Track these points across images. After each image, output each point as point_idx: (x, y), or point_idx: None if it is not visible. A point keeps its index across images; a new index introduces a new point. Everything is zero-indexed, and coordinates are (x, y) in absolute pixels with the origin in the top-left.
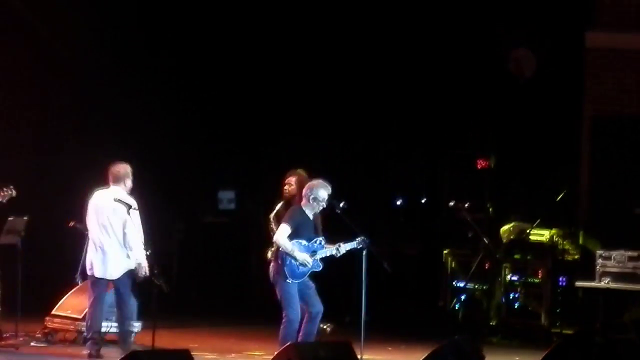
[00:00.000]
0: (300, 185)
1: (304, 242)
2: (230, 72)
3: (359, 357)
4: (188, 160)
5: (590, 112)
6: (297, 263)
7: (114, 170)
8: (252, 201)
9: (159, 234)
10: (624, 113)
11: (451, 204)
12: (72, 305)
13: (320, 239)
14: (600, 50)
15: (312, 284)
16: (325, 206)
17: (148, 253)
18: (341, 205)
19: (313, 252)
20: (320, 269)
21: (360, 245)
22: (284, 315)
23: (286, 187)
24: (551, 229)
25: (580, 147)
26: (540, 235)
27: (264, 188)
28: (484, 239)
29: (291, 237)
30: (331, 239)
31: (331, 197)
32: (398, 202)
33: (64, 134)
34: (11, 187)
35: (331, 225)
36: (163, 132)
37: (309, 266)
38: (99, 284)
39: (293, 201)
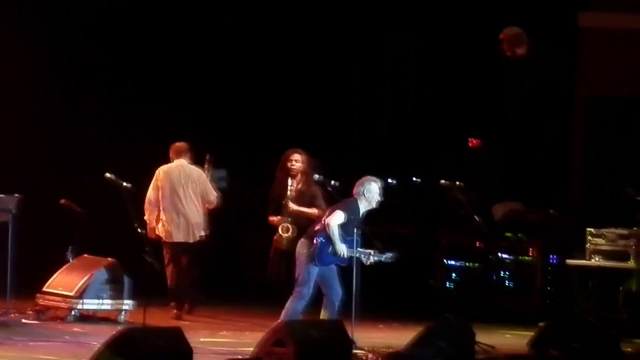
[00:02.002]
0: (308, 163)
1: (345, 236)
2: (218, 50)
3: (350, 335)
4: (179, 137)
5: (582, 92)
6: (330, 251)
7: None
8: (244, 180)
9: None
10: (617, 94)
11: (443, 182)
12: (63, 282)
13: (358, 239)
14: (593, 30)
15: (335, 268)
16: (380, 200)
17: (140, 232)
18: (332, 183)
19: (349, 247)
20: (345, 265)
21: (388, 261)
22: (296, 290)
23: (293, 163)
24: (543, 208)
25: (572, 127)
26: (532, 214)
27: (257, 167)
28: (476, 218)
29: (342, 227)
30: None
31: (323, 176)
32: (390, 181)
33: (55, 111)
34: None
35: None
36: (153, 108)
37: (339, 259)
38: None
39: (303, 178)
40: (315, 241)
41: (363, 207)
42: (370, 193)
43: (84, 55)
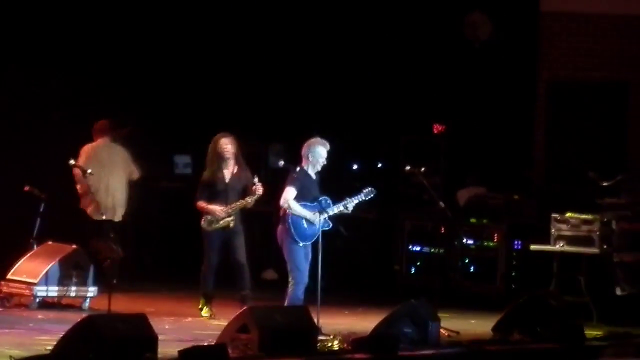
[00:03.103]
0: (239, 146)
1: (308, 202)
2: (187, 34)
3: (315, 321)
4: (143, 123)
5: (545, 76)
6: (306, 225)
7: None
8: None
9: None
10: (579, 77)
11: (407, 168)
12: (27, 269)
13: (326, 197)
14: (554, 13)
15: (310, 256)
16: (325, 163)
17: (104, 217)
18: (297, 169)
19: (321, 211)
20: (330, 227)
21: (370, 196)
22: (290, 278)
23: (226, 148)
24: (506, 193)
25: (535, 111)
26: (496, 199)
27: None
28: (440, 203)
29: (297, 199)
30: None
31: (287, 161)
32: (354, 167)
33: (18, 96)
34: None
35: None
36: (116, 94)
37: (318, 225)
38: None
39: (236, 162)
40: (286, 224)
41: (311, 169)
42: (314, 156)
43: (46, 37)
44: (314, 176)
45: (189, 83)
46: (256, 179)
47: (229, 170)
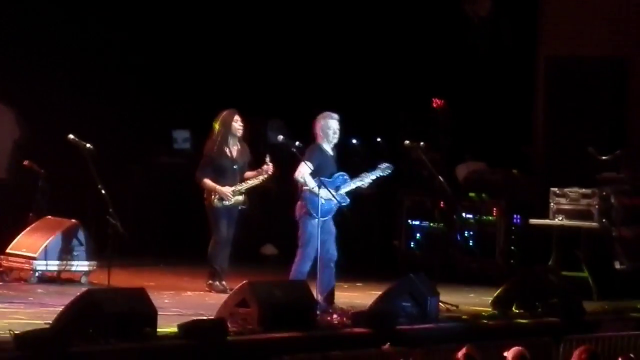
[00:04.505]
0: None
1: (326, 178)
2: (186, 7)
3: (315, 295)
4: (141, 99)
5: (544, 52)
6: (323, 200)
7: None
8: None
9: (113, 174)
10: (578, 53)
11: (406, 142)
12: (26, 243)
13: (343, 173)
14: None
15: (334, 230)
16: (337, 136)
17: (103, 192)
18: (297, 144)
19: (337, 187)
20: (348, 202)
21: (387, 172)
22: (299, 251)
23: (240, 124)
24: (505, 168)
25: (534, 87)
26: (495, 174)
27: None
28: (439, 178)
29: (313, 174)
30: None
31: (287, 137)
32: (353, 142)
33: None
34: None
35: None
36: (115, 70)
37: (334, 201)
38: None
39: (242, 139)
40: (303, 200)
41: (326, 144)
42: (323, 130)
43: (46, 15)
44: (330, 151)
45: (187, 58)
46: (268, 158)
47: (236, 147)
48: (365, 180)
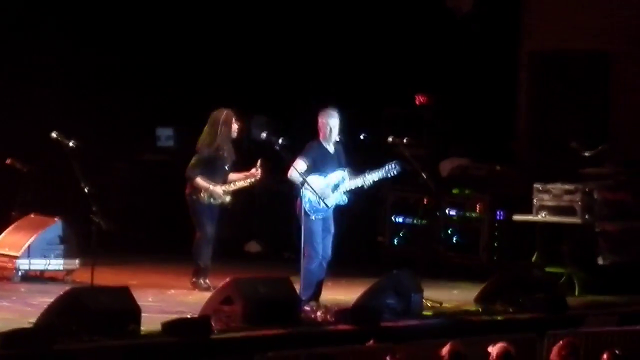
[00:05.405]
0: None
1: (322, 176)
2: (171, 5)
3: (299, 292)
4: (125, 96)
5: (527, 47)
6: (315, 199)
7: None
8: (191, 138)
9: (97, 171)
10: (561, 47)
11: (390, 139)
12: (9, 242)
13: (343, 171)
14: None
15: (332, 229)
16: (336, 132)
17: (87, 190)
18: (280, 141)
19: (335, 186)
20: (346, 202)
21: (392, 172)
22: (303, 252)
23: (237, 126)
24: (489, 163)
25: (518, 82)
26: (479, 169)
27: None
28: (423, 174)
29: (310, 172)
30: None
31: (270, 133)
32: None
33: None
34: None
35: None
36: (98, 67)
37: (330, 199)
38: None
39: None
40: (299, 197)
41: (326, 141)
42: (323, 126)
43: (30, 8)
44: (330, 148)
45: (171, 55)
46: (259, 163)
47: (228, 147)
48: (367, 180)
